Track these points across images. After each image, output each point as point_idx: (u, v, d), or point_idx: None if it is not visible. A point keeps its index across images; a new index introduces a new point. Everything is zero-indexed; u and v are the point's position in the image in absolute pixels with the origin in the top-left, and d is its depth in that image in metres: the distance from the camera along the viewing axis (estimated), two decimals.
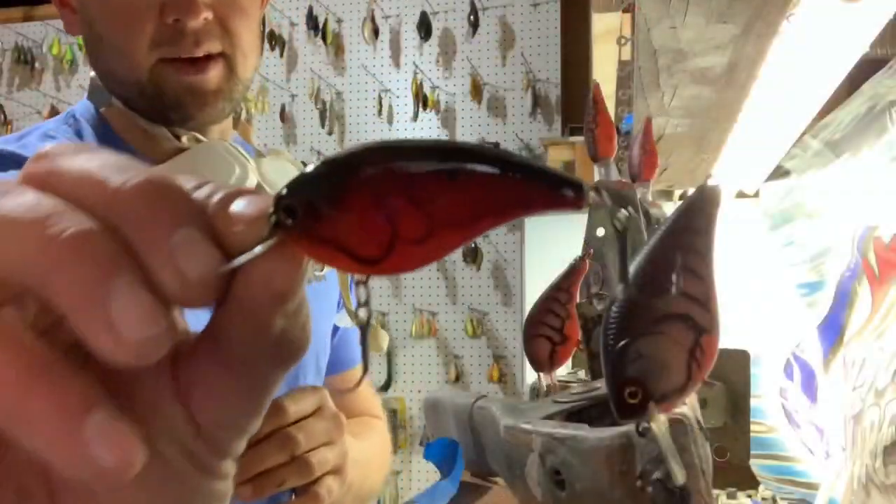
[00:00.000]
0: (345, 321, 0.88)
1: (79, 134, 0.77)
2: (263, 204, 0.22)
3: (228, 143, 0.77)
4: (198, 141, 0.77)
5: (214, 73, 0.74)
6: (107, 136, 0.77)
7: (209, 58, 0.73)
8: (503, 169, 0.24)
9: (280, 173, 0.79)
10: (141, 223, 0.20)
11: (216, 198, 0.22)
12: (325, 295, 0.92)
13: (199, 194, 0.23)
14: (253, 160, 0.76)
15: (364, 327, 0.25)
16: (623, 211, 0.25)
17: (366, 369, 0.27)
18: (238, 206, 0.22)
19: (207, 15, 0.72)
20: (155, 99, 0.74)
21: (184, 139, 0.76)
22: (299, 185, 0.23)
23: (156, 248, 0.20)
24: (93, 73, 0.80)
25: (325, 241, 0.23)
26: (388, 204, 0.23)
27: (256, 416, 0.24)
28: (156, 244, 0.20)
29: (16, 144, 0.74)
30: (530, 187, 0.24)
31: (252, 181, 0.74)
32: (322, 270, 0.83)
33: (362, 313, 0.25)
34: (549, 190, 0.24)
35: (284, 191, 0.23)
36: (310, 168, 0.23)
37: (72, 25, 0.78)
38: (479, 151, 0.24)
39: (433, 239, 0.23)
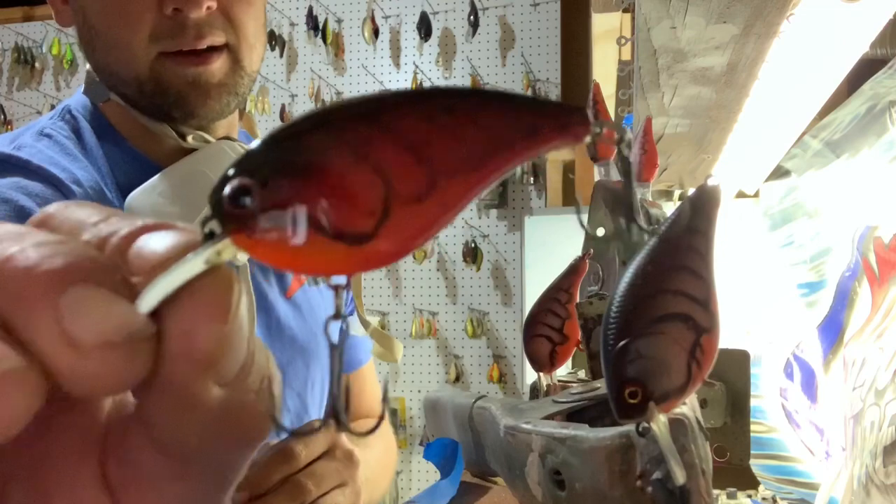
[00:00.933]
0: (357, 329, 0.85)
1: (76, 131, 0.72)
2: (185, 232, 0.18)
3: (238, 143, 0.73)
4: (205, 141, 0.72)
5: (218, 66, 0.70)
6: (106, 132, 0.73)
7: (212, 50, 0.69)
8: (504, 99, 0.20)
9: None
10: (13, 299, 0.16)
11: (117, 236, 0.18)
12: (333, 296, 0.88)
13: (100, 233, 0.18)
14: None
15: (337, 345, 0.20)
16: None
17: (385, 402, 0.23)
18: (151, 239, 0.18)
19: (210, 4, 0.67)
20: (156, 95, 0.70)
21: (189, 138, 0.72)
22: (252, 157, 0.18)
23: (37, 318, 0.16)
24: (88, 67, 0.75)
25: (294, 220, 0.18)
26: (374, 156, 0.18)
27: None
28: (37, 313, 0.16)
29: (10, 147, 0.70)
30: (535, 115, 0.20)
31: None
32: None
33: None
34: (554, 116, 0.20)
35: (231, 171, 0.18)
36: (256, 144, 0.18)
37: (62, 16, 0.74)
38: (473, 88, 0.20)
39: (436, 192, 0.19)
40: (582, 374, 0.75)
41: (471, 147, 0.19)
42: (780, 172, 1.33)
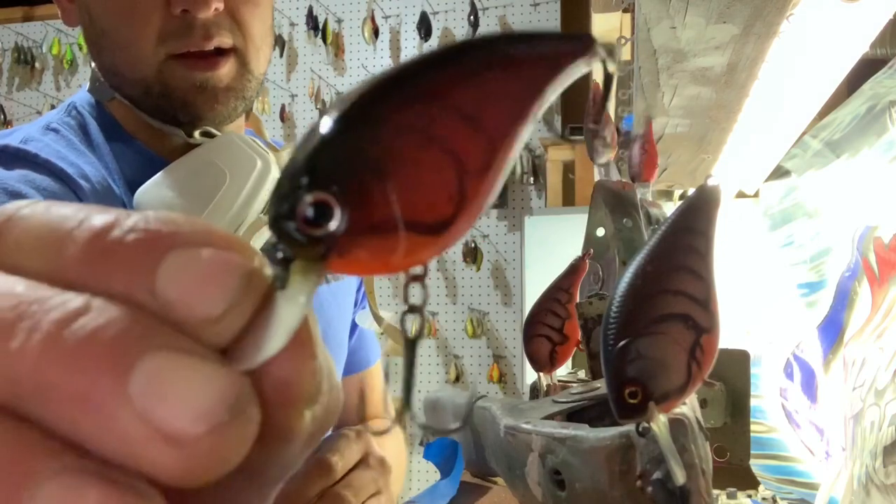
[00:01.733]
0: (367, 322, 0.81)
1: (83, 127, 0.71)
2: (231, 253, 0.14)
3: (246, 135, 0.71)
4: (210, 136, 0.71)
5: (226, 69, 0.69)
6: (112, 129, 0.72)
7: (220, 52, 0.68)
8: (526, 39, 0.18)
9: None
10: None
11: (127, 266, 0.14)
12: (344, 292, 0.87)
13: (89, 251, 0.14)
14: (272, 153, 0.70)
15: (412, 341, 0.18)
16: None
17: (408, 398, 0.18)
18: (194, 271, 0.14)
19: (218, 5, 0.66)
20: (162, 98, 0.69)
21: (196, 134, 0.71)
22: (313, 162, 0.16)
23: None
24: (94, 65, 0.74)
25: (387, 227, 0.16)
26: (439, 135, 0.17)
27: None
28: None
29: (17, 140, 0.69)
30: (554, 46, 0.19)
31: (275, 174, 0.67)
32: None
33: (410, 321, 0.18)
34: (568, 41, 0.19)
35: (294, 183, 0.15)
36: (306, 140, 0.16)
37: (69, 15, 0.73)
38: (496, 35, 0.19)
39: (497, 157, 0.17)
40: (582, 374, 0.75)
41: (514, 100, 0.18)
42: (780, 172, 1.33)
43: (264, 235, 0.64)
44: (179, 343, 0.13)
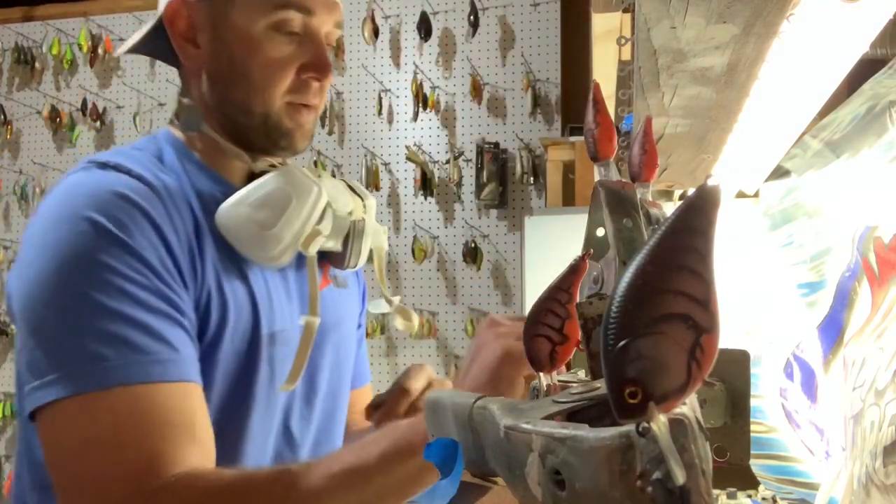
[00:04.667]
0: (381, 307, 1.06)
1: (159, 153, 0.91)
2: None
3: (302, 167, 0.93)
4: (271, 165, 0.93)
5: (313, 118, 0.95)
6: (187, 156, 0.92)
7: (312, 107, 0.94)
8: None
9: (334, 189, 0.96)
10: None
11: None
12: (350, 300, 1.08)
13: None
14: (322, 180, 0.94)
15: None
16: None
17: None
18: None
19: (329, 79, 0.94)
20: (273, 129, 0.91)
21: (258, 164, 0.93)
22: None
23: None
24: (187, 101, 0.93)
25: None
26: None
27: None
28: None
29: (110, 158, 0.86)
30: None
31: (324, 199, 0.91)
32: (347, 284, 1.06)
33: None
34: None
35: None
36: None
37: (192, 59, 0.92)
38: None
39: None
40: (582, 374, 0.75)
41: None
42: (780, 172, 1.33)
43: (320, 242, 0.90)
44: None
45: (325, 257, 0.98)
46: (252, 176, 0.92)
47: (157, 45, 0.96)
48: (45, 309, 0.75)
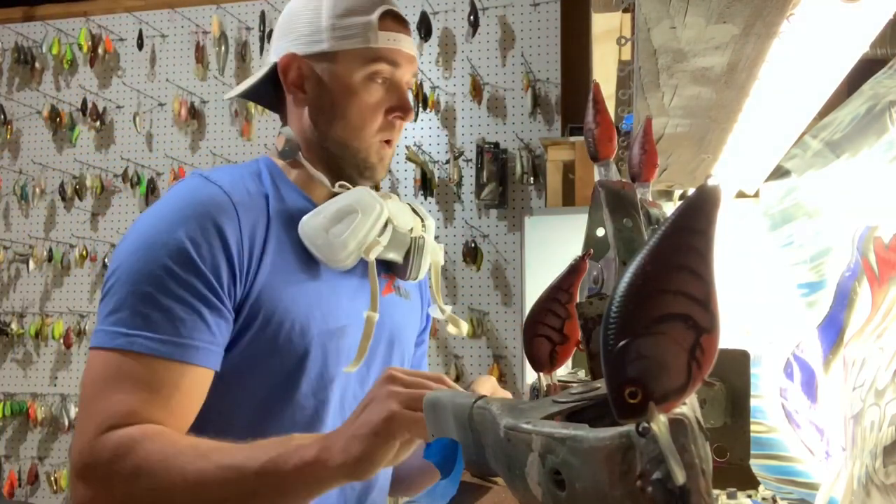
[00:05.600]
0: (435, 312, 1.21)
1: (257, 172, 1.10)
2: None
3: (370, 190, 1.10)
4: (344, 187, 1.10)
5: (391, 153, 1.14)
6: (280, 177, 1.11)
7: (390, 142, 1.13)
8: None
9: (398, 209, 1.12)
10: None
11: None
12: (412, 310, 1.24)
13: None
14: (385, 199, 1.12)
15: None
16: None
17: None
18: None
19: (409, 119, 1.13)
20: (362, 162, 1.11)
21: (336, 186, 1.11)
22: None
23: None
24: (288, 135, 1.12)
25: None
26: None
27: None
28: None
29: (221, 173, 1.06)
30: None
31: (385, 215, 1.08)
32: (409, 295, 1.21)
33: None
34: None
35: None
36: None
37: (300, 102, 1.12)
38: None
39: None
40: (582, 374, 0.75)
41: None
42: (780, 172, 1.33)
43: (378, 250, 1.06)
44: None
45: (391, 269, 1.16)
46: (332, 196, 1.09)
47: (262, 91, 1.16)
48: (114, 270, 0.97)
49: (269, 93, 1.16)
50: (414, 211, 1.18)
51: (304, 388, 1.03)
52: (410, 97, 1.17)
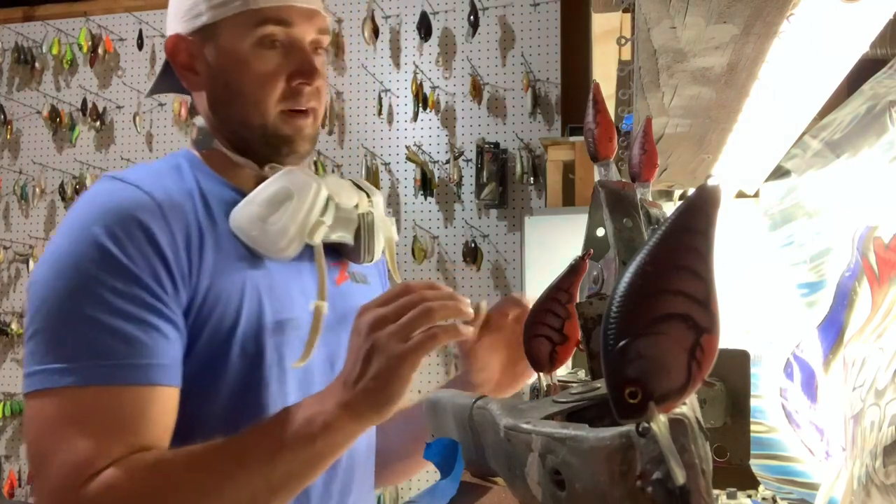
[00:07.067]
0: None
1: (178, 166, 1.00)
2: None
3: (303, 169, 1.00)
4: (275, 169, 0.99)
5: (311, 122, 1.00)
6: (202, 171, 1.00)
7: (308, 111, 0.99)
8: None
9: (338, 185, 1.01)
10: None
11: None
12: (373, 294, 1.11)
13: None
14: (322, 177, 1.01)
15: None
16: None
17: None
18: None
19: (318, 84, 0.99)
20: (273, 138, 0.98)
21: (265, 169, 1.00)
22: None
23: None
24: (199, 123, 1.03)
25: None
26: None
27: None
28: None
29: (138, 173, 0.96)
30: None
31: (324, 193, 0.97)
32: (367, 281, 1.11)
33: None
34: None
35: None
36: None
37: (193, 84, 1.01)
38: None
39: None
40: (582, 374, 0.75)
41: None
42: (780, 172, 1.33)
43: (323, 231, 0.96)
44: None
45: (342, 254, 1.06)
46: (261, 181, 0.99)
47: (172, 80, 1.06)
48: (39, 306, 0.86)
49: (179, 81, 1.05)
50: (357, 186, 1.06)
51: (266, 387, 0.94)
52: (324, 61, 1.04)
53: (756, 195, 1.48)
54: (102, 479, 0.79)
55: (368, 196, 1.05)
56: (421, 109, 3.42)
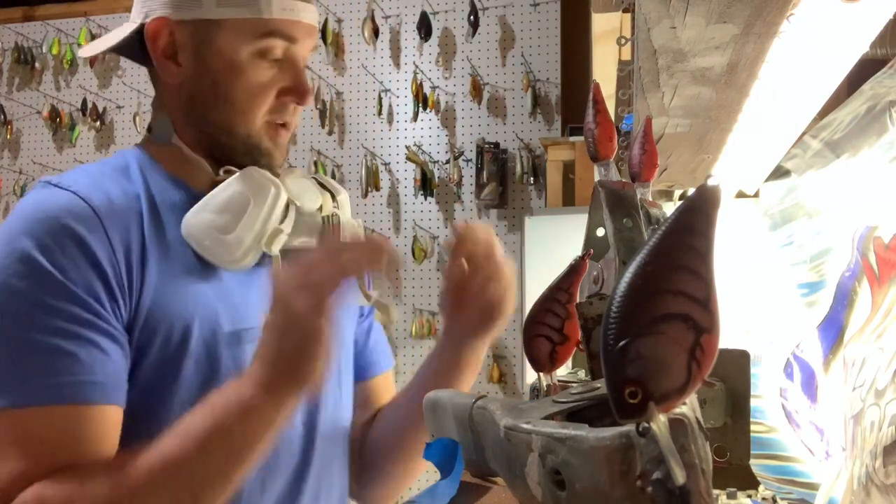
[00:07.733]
0: (359, 300, 1.04)
1: (125, 167, 0.94)
2: None
3: (261, 170, 0.95)
4: (230, 172, 0.94)
5: (287, 134, 0.99)
6: (153, 168, 0.95)
7: (287, 124, 0.97)
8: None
9: (300, 187, 0.96)
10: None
11: None
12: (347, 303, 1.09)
13: None
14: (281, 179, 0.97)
15: None
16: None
17: None
18: None
19: (310, 102, 0.98)
20: (254, 148, 0.95)
21: (221, 172, 0.95)
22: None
23: None
24: (161, 114, 0.99)
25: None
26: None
27: None
28: None
29: (76, 177, 0.90)
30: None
31: (284, 198, 0.93)
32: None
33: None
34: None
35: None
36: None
37: (170, 74, 0.95)
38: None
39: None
40: (582, 374, 0.75)
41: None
42: (780, 172, 1.33)
43: (282, 240, 0.91)
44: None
45: None
46: (216, 184, 0.93)
47: (128, 44, 0.99)
48: None
49: (137, 51, 0.98)
50: (321, 185, 1.00)
51: None
52: (311, 78, 1.05)
53: (756, 195, 1.48)
54: (23, 499, 0.75)
55: (333, 196, 1.00)
56: (421, 109, 3.42)
